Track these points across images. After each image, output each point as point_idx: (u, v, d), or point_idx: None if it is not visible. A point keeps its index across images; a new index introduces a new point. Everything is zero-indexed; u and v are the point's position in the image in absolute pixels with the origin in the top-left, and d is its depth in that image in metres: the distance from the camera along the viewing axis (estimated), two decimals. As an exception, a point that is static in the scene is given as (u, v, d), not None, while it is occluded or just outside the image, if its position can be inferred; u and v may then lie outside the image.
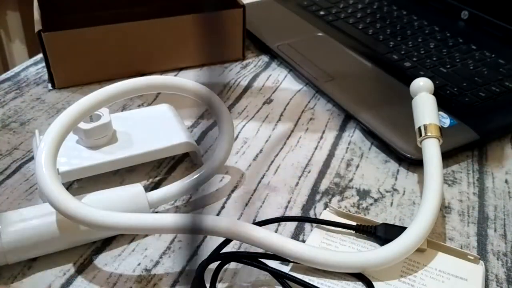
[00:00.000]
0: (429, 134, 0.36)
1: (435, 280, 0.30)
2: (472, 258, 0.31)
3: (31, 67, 0.53)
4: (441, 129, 0.36)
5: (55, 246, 0.31)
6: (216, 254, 0.30)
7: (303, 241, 0.33)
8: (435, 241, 0.32)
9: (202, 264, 0.29)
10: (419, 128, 0.37)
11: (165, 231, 0.29)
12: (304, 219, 0.33)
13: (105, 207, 0.31)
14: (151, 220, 0.28)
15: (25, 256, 0.30)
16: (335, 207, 0.35)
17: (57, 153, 0.30)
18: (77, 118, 0.31)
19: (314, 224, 0.34)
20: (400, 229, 0.31)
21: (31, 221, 0.30)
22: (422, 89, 0.39)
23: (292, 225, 0.35)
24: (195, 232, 0.30)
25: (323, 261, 0.29)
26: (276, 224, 0.35)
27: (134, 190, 0.33)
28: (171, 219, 0.29)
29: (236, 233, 0.29)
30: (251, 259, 0.30)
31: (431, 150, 0.35)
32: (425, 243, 0.31)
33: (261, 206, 0.36)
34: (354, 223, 0.33)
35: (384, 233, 0.31)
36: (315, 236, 0.33)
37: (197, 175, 0.35)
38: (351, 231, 0.33)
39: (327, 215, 0.34)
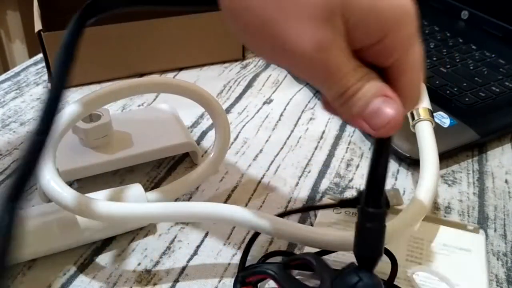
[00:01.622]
0: (421, 117, 0.36)
1: (440, 254, 0.31)
2: (472, 228, 0.32)
3: (31, 67, 0.53)
4: (440, 127, 0.37)
5: (55, 247, 0.31)
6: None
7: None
8: (433, 216, 0.33)
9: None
10: (411, 112, 0.37)
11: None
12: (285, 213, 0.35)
13: None
14: (154, 209, 0.29)
15: (25, 258, 0.30)
16: (333, 195, 0.35)
17: (55, 150, 0.30)
18: (75, 117, 0.31)
19: (318, 214, 0.34)
20: None
21: (30, 222, 0.30)
22: None
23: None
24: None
25: (334, 243, 0.29)
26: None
27: (133, 190, 0.33)
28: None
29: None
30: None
31: (425, 132, 0.36)
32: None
33: (261, 206, 0.36)
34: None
35: None
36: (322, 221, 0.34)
37: (194, 174, 0.35)
38: (339, 208, 0.34)
39: (327, 203, 0.35)
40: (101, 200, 0.29)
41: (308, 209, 0.35)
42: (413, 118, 0.37)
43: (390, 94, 0.21)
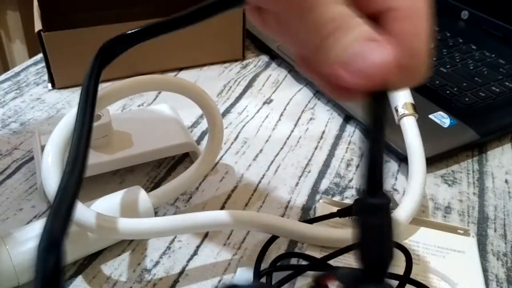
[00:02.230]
0: (406, 112, 0.38)
1: (436, 256, 0.31)
2: (462, 232, 0.33)
3: (31, 67, 0.53)
4: (415, 106, 0.39)
5: (65, 260, 0.30)
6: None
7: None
8: (423, 218, 0.34)
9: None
10: (396, 107, 0.39)
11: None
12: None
13: (111, 214, 0.30)
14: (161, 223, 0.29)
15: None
16: (328, 198, 0.35)
17: (63, 159, 0.29)
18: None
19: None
20: None
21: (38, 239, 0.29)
22: None
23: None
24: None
25: (331, 238, 0.31)
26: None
27: (135, 193, 0.33)
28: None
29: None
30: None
31: (410, 126, 0.38)
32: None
33: (261, 206, 0.36)
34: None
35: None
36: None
37: (190, 172, 0.35)
38: (337, 218, 0.34)
39: (322, 206, 0.35)
40: (116, 218, 0.28)
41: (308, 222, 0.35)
42: (397, 113, 0.39)
43: (380, 39, 0.18)
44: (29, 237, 0.29)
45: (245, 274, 0.31)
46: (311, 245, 0.31)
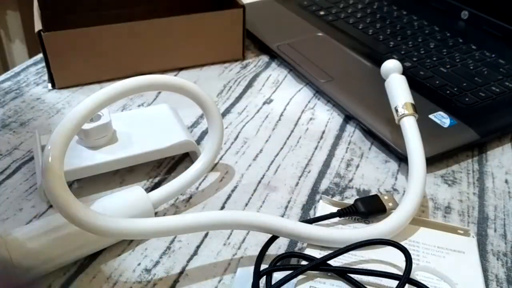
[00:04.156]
0: (406, 112, 0.38)
1: (436, 256, 0.31)
2: (462, 232, 0.33)
3: (31, 67, 0.53)
4: (415, 106, 0.39)
5: (65, 260, 0.30)
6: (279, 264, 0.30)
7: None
8: (423, 218, 0.34)
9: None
10: (396, 107, 0.39)
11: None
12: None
13: (111, 214, 0.30)
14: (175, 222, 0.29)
15: (37, 274, 0.30)
16: (329, 198, 0.35)
17: (63, 159, 0.29)
18: (82, 119, 0.30)
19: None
20: (373, 198, 0.34)
21: (39, 239, 0.29)
22: (392, 71, 0.42)
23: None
24: None
25: (331, 238, 0.31)
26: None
27: (136, 193, 0.33)
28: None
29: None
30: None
31: (410, 126, 0.38)
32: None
33: (261, 206, 0.36)
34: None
35: (364, 207, 0.34)
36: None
37: (190, 172, 0.35)
38: (337, 218, 0.34)
39: (323, 206, 0.35)
40: (116, 218, 0.28)
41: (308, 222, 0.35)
42: (397, 113, 0.39)
43: None
44: (29, 237, 0.29)
45: (245, 274, 0.31)
46: (311, 245, 0.31)
